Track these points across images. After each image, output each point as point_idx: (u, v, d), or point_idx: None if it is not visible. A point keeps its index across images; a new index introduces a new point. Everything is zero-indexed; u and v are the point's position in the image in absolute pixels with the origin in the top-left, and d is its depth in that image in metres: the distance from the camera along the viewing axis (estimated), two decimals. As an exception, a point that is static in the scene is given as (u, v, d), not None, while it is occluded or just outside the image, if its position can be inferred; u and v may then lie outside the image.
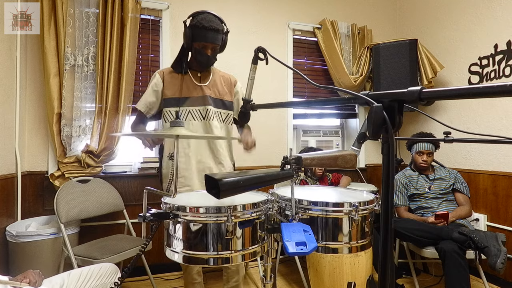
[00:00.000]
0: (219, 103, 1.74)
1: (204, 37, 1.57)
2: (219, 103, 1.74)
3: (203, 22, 1.55)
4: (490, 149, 2.44)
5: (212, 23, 1.56)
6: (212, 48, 1.62)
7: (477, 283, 2.33)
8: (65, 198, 2.00)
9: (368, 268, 1.72)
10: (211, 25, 1.56)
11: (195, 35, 1.58)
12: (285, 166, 0.93)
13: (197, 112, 1.69)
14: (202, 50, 1.61)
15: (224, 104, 1.76)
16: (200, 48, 1.61)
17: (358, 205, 1.00)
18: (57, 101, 2.21)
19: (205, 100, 1.70)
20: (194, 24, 1.57)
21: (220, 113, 1.75)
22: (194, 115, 1.69)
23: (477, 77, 2.53)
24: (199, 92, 1.70)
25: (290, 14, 3.00)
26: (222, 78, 1.79)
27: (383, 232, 0.54)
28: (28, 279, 1.22)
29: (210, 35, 1.57)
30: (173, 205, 0.94)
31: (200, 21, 1.56)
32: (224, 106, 1.76)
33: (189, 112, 1.68)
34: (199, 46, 1.61)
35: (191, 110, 1.68)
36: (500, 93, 0.42)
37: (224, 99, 1.76)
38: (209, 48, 1.61)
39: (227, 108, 1.77)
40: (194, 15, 1.60)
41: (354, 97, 0.65)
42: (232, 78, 1.84)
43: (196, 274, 1.70)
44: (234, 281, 1.78)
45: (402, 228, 2.06)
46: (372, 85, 2.95)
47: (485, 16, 2.48)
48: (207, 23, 1.55)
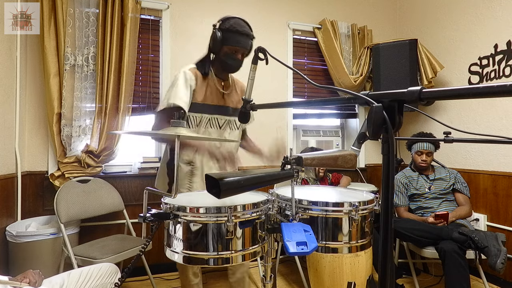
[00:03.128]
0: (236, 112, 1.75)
1: (237, 42, 1.58)
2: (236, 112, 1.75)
3: (237, 27, 1.56)
4: (490, 149, 2.44)
5: (245, 28, 1.58)
6: (242, 53, 1.63)
7: (477, 283, 2.33)
8: (65, 198, 2.00)
9: (368, 268, 1.72)
10: (244, 30, 1.57)
11: (227, 39, 1.57)
12: (285, 166, 0.93)
13: (215, 121, 1.70)
14: (233, 55, 1.61)
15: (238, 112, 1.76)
16: (231, 53, 1.61)
17: (358, 205, 1.00)
18: (57, 101, 2.21)
19: (226, 111, 1.71)
20: (227, 28, 1.57)
21: (235, 121, 1.76)
22: (212, 123, 1.69)
23: (477, 77, 2.53)
24: (221, 101, 1.71)
25: (290, 14, 3.00)
26: (237, 86, 1.81)
27: (383, 232, 0.54)
28: (28, 279, 1.22)
29: (243, 40, 1.59)
30: (173, 205, 0.94)
31: (233, 25, 1.56)
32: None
33: (209, 119, 1.68)
34: (230, 50, 1.60)
35: (211, 118, 1.68)
36: (500, 93, 0.42)
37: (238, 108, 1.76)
38: (240, 53, 1.62)
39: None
40: (226, 19, 1.60)
41: (354, 97, 0.65)
42: (244, 85, 1.83)
43: (192, 275, 1.69)
44: (239, 273, 1.79)
45: (402, 228, 2.06)
46: (372, 85, 2.95)
47: (485, 16, 2.48)
48: (241, 28, 1.57)
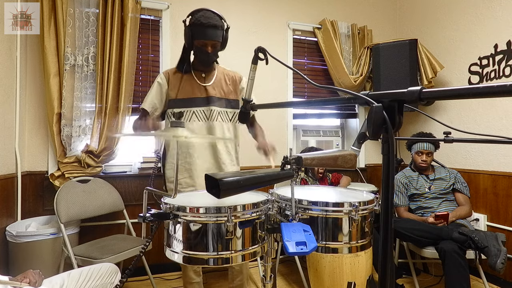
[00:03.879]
0: (224, 103, 1.73)
1: (204, 35, 1.56)
2: (224, 103, 1.73)
3: (202, 20, 1.54)
4: (490, 149, 2.44)
5: (210, 19, 1.55)
6: (212, 45, 1.60)
7: (477, 283, 2.33)
8: (65, 198, 2.00)
9: (368, 268, 1.72)
10: (209, 21, 1.54)
11: (194, 33, 1.57)
12: (285, 166, 0.93)
13: (201, 113, 1.69)
14: (202, 48, 1.60)
15: (229, 103, 1.75)
16: (201, 46, 1.60)
17: (358, 205, 1.00)
18: (57, 101, 2.21)
19: (210, 101, 1.69)
20: (193, 22, 1.56)
21: (227, 113, 1.74)
22: (198, 116, 1.68)
23: (477, 77, 2.53)
24: (203, 93, 1.69)
25: (290, 14, 3.00)
26: (226, 77, 1.78)
27: (383, 232, 0.54)
28: (28, 279, 1.22)
29: (209, 32, 1.55)
30: (173, 205, 0.94)
31: (198, 18, 1.54)
32: (229, 105, 1.75)
33: (193, 112, 1.67)
34: (199, 44, 1.60)
35: (195, 111, 1.68)
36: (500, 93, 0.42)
37: (229, 98, 1.75)
38: (209, 46, 1.60)
39: (232, 106, 1.76)
40: (193, 13, 1.59)
41: (354, 97, 0.65)
42: (236, 75, 1.82)
43: (193, 273, 1.70)
44: (238, 280, 1.80)
45: (402, 228, 2.06)
46: (372, 85, 2.95)
47: (485, 16, 2.48)
48: (205, 20, 1.54)
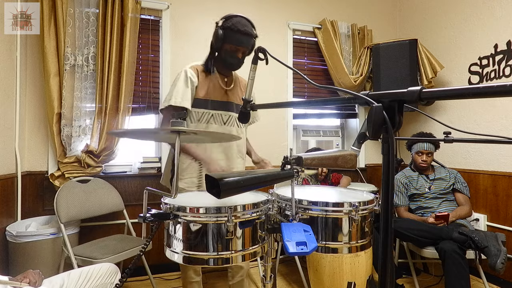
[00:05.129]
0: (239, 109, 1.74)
1: (238, 40, 1.58)
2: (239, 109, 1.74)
3: (238, 26, 1.56)
4: (490, 149, 2.44)
5: (246, 27, 1.58)
6: (243, 51, 1.64)
7: (477, 283, 2.33)
8: (65, 198, 2.00)
9: (368, 268, 1.72)
10: (246, 29, 1.57)
11: (228, 37, 1.58)
12: (285, 166, 0.93)
13: (219, 117, 1.69)
14: (233, 53, 1.62)
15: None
16: (232, 51, 1.62)
17: (358, 205, 1.00)
18: (57, 101, 2.21)
19: (230, 107, 1.71)
20: (228, 26, 1.57)
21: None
22: (216, 119, 1.69)
23: (477, 77, 2.53)
24: (224, 97, 1.71)
25: (290, 14, 3.00)
26: (240, 83, 1.81)
27: (383, 232, 0.54)
28: (28, 279, 1.22)
29: (244, 39, 1.59)
30: (173, 206, 0.94)
31: (235, 24, 1.57)
32: None
33: (212, 115, 1.68)
34: (230, 48, 1.61)
35: (214, 114, 1.68)
36: (500, 93, 0.42)
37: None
38: (241, 52, 1.63)
39: None
40: (229, 18, 1.60)
41: (354, 97, 0.65)
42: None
43: (192, 272, 1.71)
44: (239, 276, 1.81)
45: (402, 228, 2.06)
46: (372, 85, 2.95)
47: (485, 16, 2.48)
48: (242, 27, 1.57)
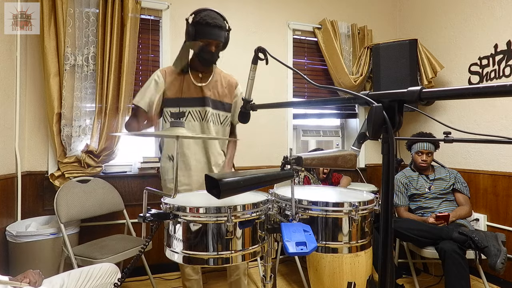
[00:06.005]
0: (218, 105, 1.74)
1: (208, 34, 1.57)
2: (218, 105, 1.74)
3: (207, 19, 1.55)
4: (490, 149, 2.44)
5: (215, 19, 1.57)
6: (216, 45, 1.62)
7: (477, 283, 2.33)
8: (65, 198, 2.00)
9: (368, 268, 1.72)
10: (215, 21, 1.56)
11: (198, 32, 1.58)
12: (285, 166, 0.93)
13: (196, 113, 1.69)
14: (205, 47, 1.61)
15: (223, 105, 1.75)
16: (204, 45, 1.61)
17: (358, 205, 1.00)
18: (57, 101, 2.21)
19: (205, 102, 1.69)
20: (198, 21, 1.57)
21: (218, 115, 1.74)
22: (194, 116, 1.69)
23: (477, 77, 2.53)
24: (199, 93, 1.69)
25: (290, 14, 3.00)
26: (223, 79, 1.78)
27: (383, 232, 0.54)
28: (28, 279, 1.22)
29: (214, 32, 1.57)
30: (173, 205, 0.94)
31: (203, 17, 1.55)
32: (222, 108, 1.75)
33: (189, 112, 1.68)
34: (202, 43, 1.60)
35: (191, 110, 1.68)
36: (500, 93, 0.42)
37: (223, 101, 1.75)
38: (213, 45, 1.61)
39: (225, 110, 1.77)
40: (197, 12, 1.59)
41: (354, 97, 0.65)
42: (233, 80, 1.82)
43: (191, 270, 1.71)
44: (235, 275, 1.81)
45: (402, 228, 2.06)
46: (372, 85, 2.95)
47: (485, 16, 2.48)
48: (211, 20, 1.55)
